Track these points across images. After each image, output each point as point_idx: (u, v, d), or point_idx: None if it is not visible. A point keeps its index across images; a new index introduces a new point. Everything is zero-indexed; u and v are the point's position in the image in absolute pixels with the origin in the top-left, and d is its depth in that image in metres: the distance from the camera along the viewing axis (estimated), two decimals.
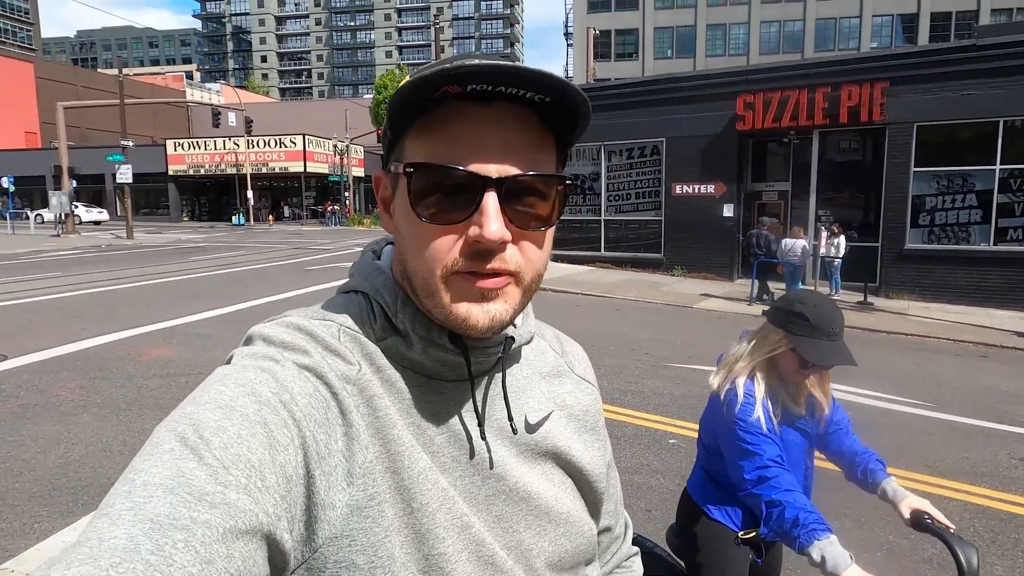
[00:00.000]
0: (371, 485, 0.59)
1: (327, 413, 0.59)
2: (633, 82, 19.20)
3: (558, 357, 0.83)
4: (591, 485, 0.79)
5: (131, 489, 0.47)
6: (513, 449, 0.71)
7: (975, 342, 9.48)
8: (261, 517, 0.49)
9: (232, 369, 0.59)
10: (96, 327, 8.43)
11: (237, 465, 0.50)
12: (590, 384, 0.86)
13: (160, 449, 0.50)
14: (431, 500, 0.62)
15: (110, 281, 13.19)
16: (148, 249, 21.71)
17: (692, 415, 5.68)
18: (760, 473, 1.72)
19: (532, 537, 0.70)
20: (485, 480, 0.68)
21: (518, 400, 0.73)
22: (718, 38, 43.81)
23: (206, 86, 73.73)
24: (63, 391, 5.85)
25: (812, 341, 1.73)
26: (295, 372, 0.59)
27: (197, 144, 40.92)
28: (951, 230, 12.91)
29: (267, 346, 0.62)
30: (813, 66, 14.72)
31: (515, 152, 0.61)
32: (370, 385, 0.63)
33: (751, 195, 15.66)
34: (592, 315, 10.65)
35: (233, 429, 0.52)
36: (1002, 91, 11.99)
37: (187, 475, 0.48)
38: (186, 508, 0.46)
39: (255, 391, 0.56)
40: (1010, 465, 4.86)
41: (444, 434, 0.66)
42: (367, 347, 0.65)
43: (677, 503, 2.23)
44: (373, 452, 0.60)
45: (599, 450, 0.82)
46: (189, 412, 0.53)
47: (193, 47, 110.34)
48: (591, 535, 0.78)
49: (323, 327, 0.65)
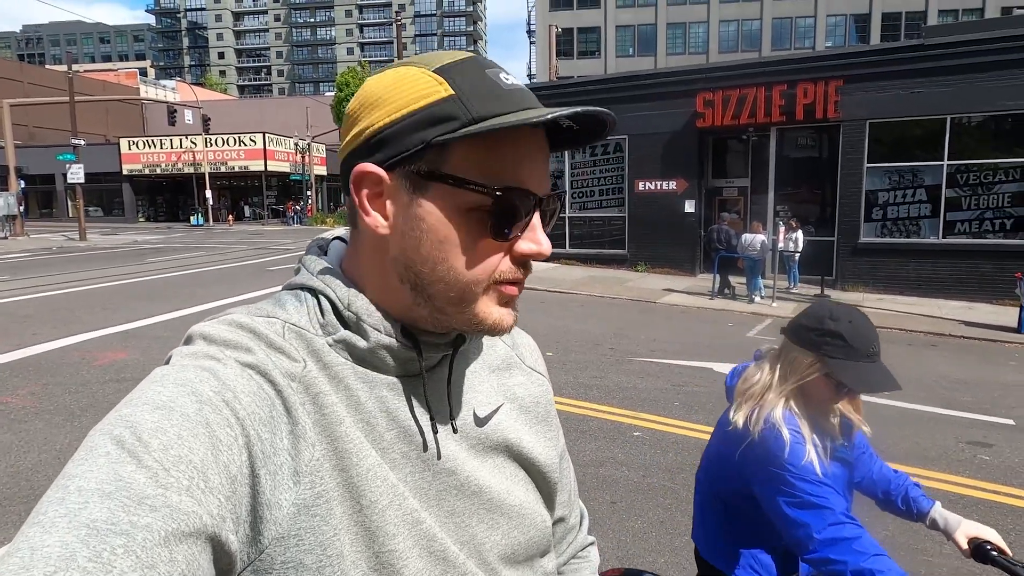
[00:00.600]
0: (318, 483, 0.58)
1: (272, 411, 0.58)
2: (595, 80, 19.35)
3: (508, 349, 0.83)
4: (544, 476, 0.79)
5: (65, 496, 0.46)
6: (464, 443, 0.71)
7: (926, 332, 9.82)
8: (205, 519, 0.48)
9: (171, 369, 0.57)
10: (49, 331, 8.16)
11: (178, 467, 0.49)
12: (540, 375, 0.86)
13: (95, 453, 0.48)
14: (380, 497, 0.62)
15: (63, 284, 12.77)
16: (103, 251, 21.06)
17: (656, 408, 5.77)
18: (834, 533, 1.40)
19: (485, 531, 0.70)
20: (436, 475, 0.67)
21: (467, 394, 0.73)
22: (678, 37, 44.41)
23: (161, 83, 71.76)
24: (13, 398, 5.65)
25: (851, 364, 1.46)
26: (238, 370, 0.58)
27: (153, 143, 39.78)
28: (902, 224, 13.33)
29: (208, 345, 0.60)
30: (770, 64, 15.04)
31: (547, 170, 0.68)
32: (316, 382, 0.62)
33: (712, 191, 15.93)
34: (557, 311, 10.71)
35: (173, 430, 0.51)
36: (949, 89, 12.41)
37: (125, 479, 0.47)
38: (125, 512, 0.45)
39: (196, 390, 0.54)
40: (958, 449, 5.06)
41: (393, 430, 0.65)
42: (313, 344, 0.64)
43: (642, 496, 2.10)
44: (320, 450, 0.59)
45: (551, 440, 0.82)
46: (125, 414, 0.52)
47: (147, 43, 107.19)
48: (545, 527, 0.78)
49: (267, 324, 0.63)
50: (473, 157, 0.61)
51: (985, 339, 9.48)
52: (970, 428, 5.55)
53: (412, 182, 0.63)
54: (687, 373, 7.01)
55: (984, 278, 12.47)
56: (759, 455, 1.52)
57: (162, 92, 63.65)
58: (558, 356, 7.51)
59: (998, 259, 12.36)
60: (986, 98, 12.16)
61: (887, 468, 1.77)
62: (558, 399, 5.83)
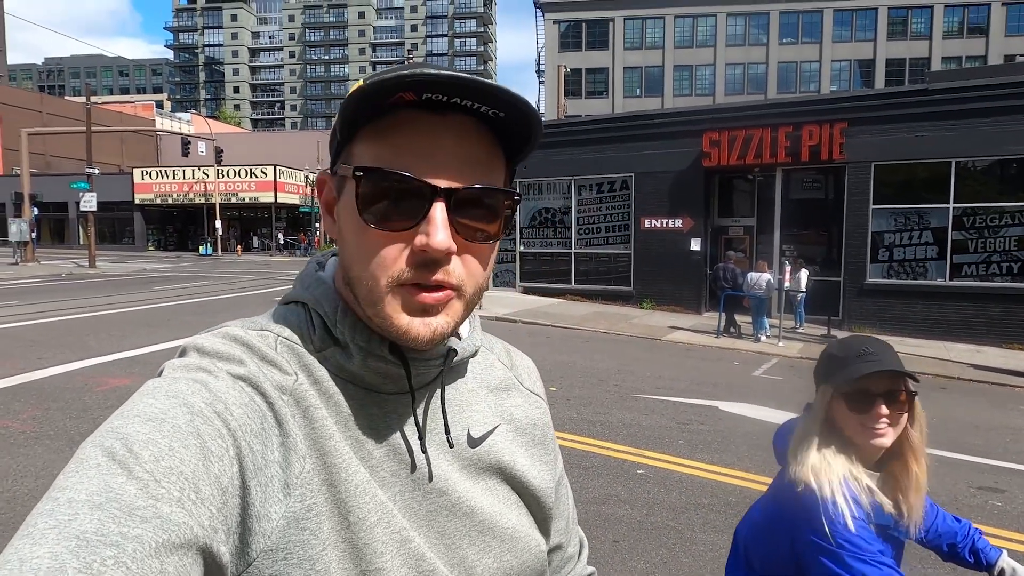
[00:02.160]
0: (309, 496, 0.58)
1: (263, 423, 0.57)
2: (603, 118, 19.62)
3: (507, 370, 0.82)
4: (538, 500, 0.77)
5: (54, 507, 0.45)
6: (456, 463, 0.70)
7: (934, 374, 9.71)
8: (196, 530, 0.48)
9: (162, 381, 0.57)
10: (54, 356, 8.17)
11: (169, 478, 0.48)
12: (539, 397, 0.84)
13: (86, 465, 0.48)
14: (369, 514, 0.61)
15: (71, 310, 12.82)
16: (111, 278, 21.21)
17: (660, 445, 5.70)
18: None
19: (476, 554, 0.68)
20: (426, 495, 0.66)
21: (462, 414, 0.72)
22: (685, 78, 45.13)
23: (176, 115, 73.17)
24: (14, 422, 5.63)
25: (845, 371, 1.44)
26: (229, 382, 0.58)
27: (165, 173, 40.42)
28: (909, 266, 13.32)
29: (201, 357, 0.60)
30: (776, 106, 15.25)
31: (466, 164, 0.61)
32: (307, 396, 0.61)
33: (718, 230, 16.00)
34: (562, 347, 10.67)
35: (164, 441, 0.50)
36: (953, 133, 12.53)
37: (115, 490, 0.46)
38: (115, 524, 0.44)
39: (187, 402, 0.54)
40: (969, 494, 4.96)
41: (384, 448, 0.65)
42: (305, 358, 0.64)
43: (645, 536, 1.93)
44: (311, 463, 0.59)
45: (547, 464, 0.80)
46: (117, 426, 0.51)
47: (164, 77, 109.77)
48: (539, 552, 0.75)
49: (260, 337, 0.63)
50: (368, 148, 0.61)
51: (995, 383, 9.37)
52: (981, 473, 5.44)
53: (336, 183, 0.66)
54: (692, 411, 6.93)
55: (992, 321, 12.39)
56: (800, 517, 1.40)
57: (177, 124, 64.86)
58: (562, 391, 7.46)
59: (1006, 302, 12.30)
60: (991, 142, 12.25)
61: (951, 518, 1.67)
62: (561, 434, 5.77)
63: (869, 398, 1.40)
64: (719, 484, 4.87)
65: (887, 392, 1.41)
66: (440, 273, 0.60)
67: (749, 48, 44.28)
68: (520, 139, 0.64)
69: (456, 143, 0.61)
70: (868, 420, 1.41)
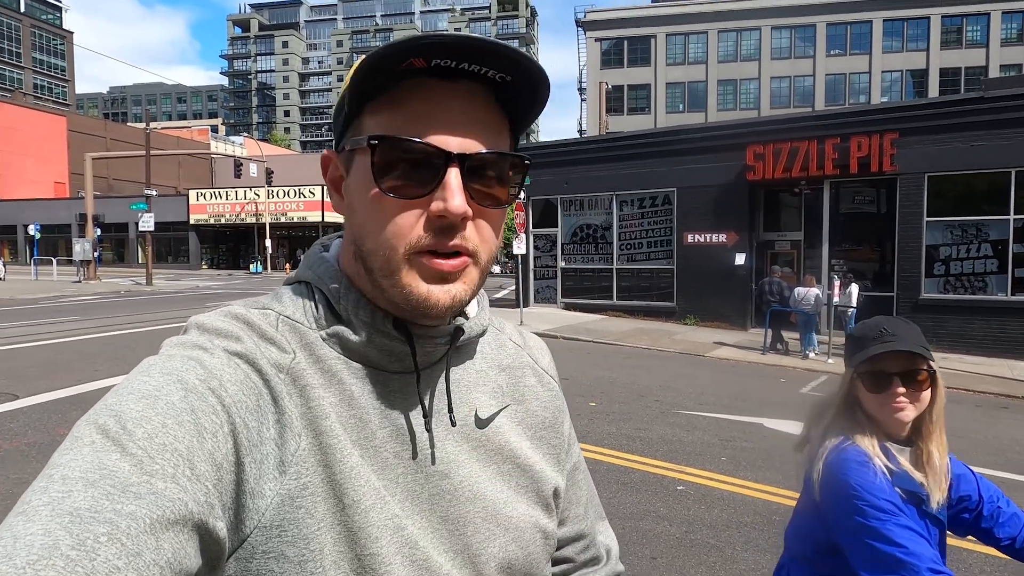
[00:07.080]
0: (304, 474, 0.57)
1: (259, 400, 0.57)
2: (644, 133, 19.53)
3: (519, 349, 0.80)
4: (547, 484, 0.75)
5: (48, 484, 0.45)
6: (465, 445, 0.68)
7: (996, 393, 9.25)
8: (191, 506, 0.48)
9: (158, 359, 0.58)
10: (111, 368, 8.50)
11: (163, 455, 0.48)
12: (552, 378, 0.82)
13: (80, 442, 0.48)
14: (364, 497, 0.60)
15: (128, 325, 13.35)
16: (167, 295, 22.01)
17: (702, 462, 5.56)
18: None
19: (481, 541, 0.67)
20: (429, 478, 0.65)
21: (469, 394, 0.71)
22: (729, 93, 44.62)
23: (230, 139, 75.88)
24: (68, 430, 5.86)
25: (863, 351, 1.49)
26: (225, 359, 0.58)
27: (219, 194, 41.87)
28: (967, 280, 12.77)
29: (200, 334, 0.61)
30: (821, 118, 14.91)
31: (478, 130, 0.61)
32: (304, 374, 0.61)
33: (763, 244, 15.66)
34: (603, 362, 10.56)
35: (158, 418, 0.50)
36: (1012, 142, 12.02)
37: (109, 467, 0.46)
38: (109, 500, 0.44)
39: (181, 379, 0.54)
40: None
41: (387, 428, 0.64)
42: (307, 336, 0.64)
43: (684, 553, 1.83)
44: (306, 441, 0.58)
45: (557, 448, 0.78)
46: (111, 403, 0.52)
47: (219, 102, 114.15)
48: (547, 540, 0.73)
49: (261, 316, 0.64)
50: (379, 118, 0.62)
51: None
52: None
53: (344, 159, 0.66)
54: (736, 428, 6.76)
55: None
56: (824, 489, 1.47)
57: (230, 147, 67.23)
58: (602, 406, 7.37)
59: None
60: None
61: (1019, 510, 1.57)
62: (599, 449, 5.71)
63: (886, 377, 1.46)
64: (763, 502, 4.72)
65: (904, 372, 1.45)
66: (457, 238, 0.61)
67: (795, 61, 43.53)
68: (527, 102, 0.64)
69: (466, 109, 0.61)
70: (886, 399, 1.46)
